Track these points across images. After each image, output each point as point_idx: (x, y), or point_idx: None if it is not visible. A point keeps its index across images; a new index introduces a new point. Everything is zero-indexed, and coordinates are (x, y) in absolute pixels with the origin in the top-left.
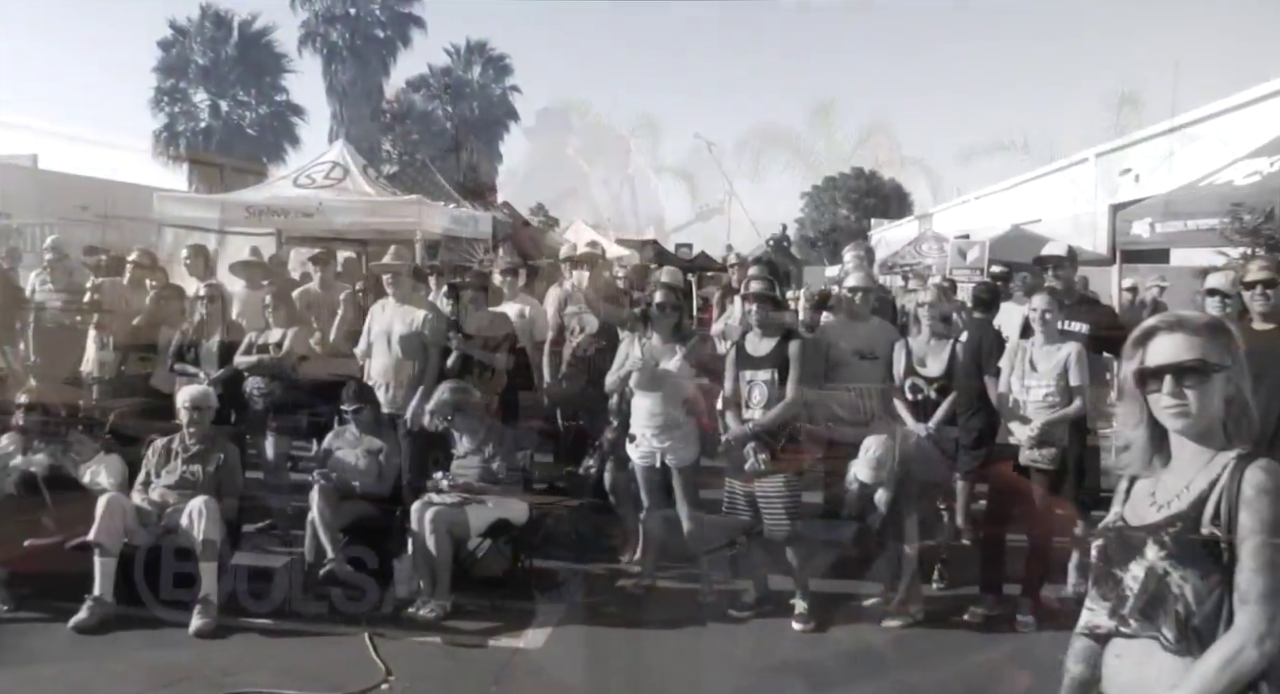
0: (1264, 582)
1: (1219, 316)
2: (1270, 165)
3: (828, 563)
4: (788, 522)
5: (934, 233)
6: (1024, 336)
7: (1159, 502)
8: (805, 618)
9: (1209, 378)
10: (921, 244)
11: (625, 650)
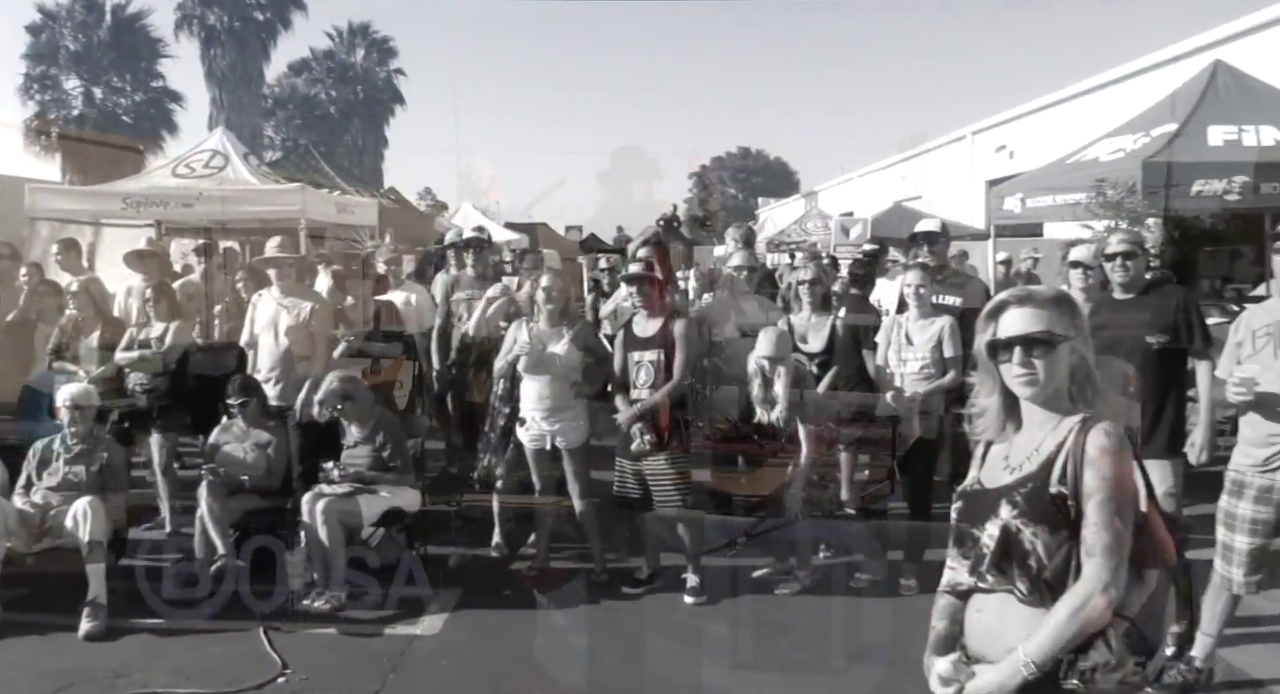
0: (1107, 536)
1: (1063, 291)
2: (1133, 142)
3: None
4: (678, 498)
5: (819, 210)
6: (900, 311)
7: (1011, 464)
8: (697, 591)
9: (1055, 348)
10: (807, 222)
11: (522, 632)
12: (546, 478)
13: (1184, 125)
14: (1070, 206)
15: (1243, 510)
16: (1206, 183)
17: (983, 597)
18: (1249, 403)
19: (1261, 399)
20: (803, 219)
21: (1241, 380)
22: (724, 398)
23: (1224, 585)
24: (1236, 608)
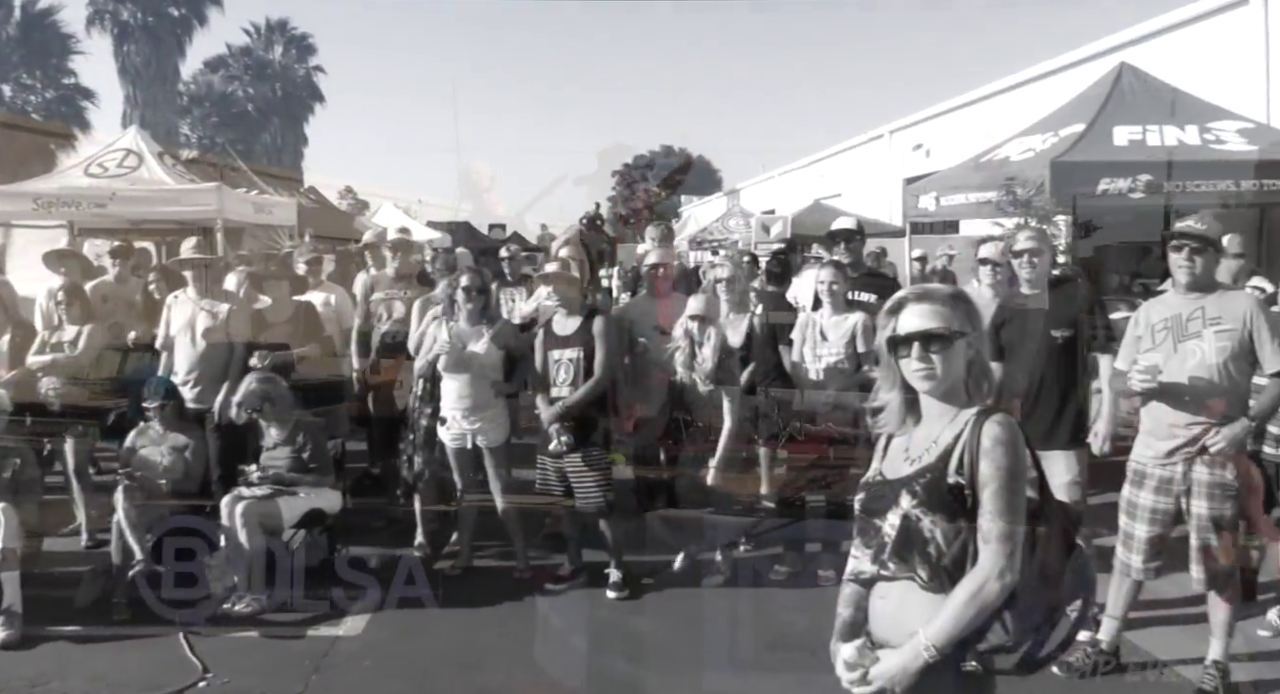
0: (1002, 523)
1: (960, 289)
2: (1043, 142)
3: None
4: (598, 496)
5: (741, 208)
6: (815, 308)
7: (911, 456)
8: (620, 586)
9: (951, 344)
10: (729, 220)
11: (445, 631)
12: (468, 477)
13: (1090, 125)
14: (982, 205)
15: (1143, 500)
16: (1112, 181)
17: (886, 584)
18: (1152, 391)
19: (1164, 388)
20: (724, 217)
21: (1146, 368)
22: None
23: (1124, 572)
24: (1140, 592)
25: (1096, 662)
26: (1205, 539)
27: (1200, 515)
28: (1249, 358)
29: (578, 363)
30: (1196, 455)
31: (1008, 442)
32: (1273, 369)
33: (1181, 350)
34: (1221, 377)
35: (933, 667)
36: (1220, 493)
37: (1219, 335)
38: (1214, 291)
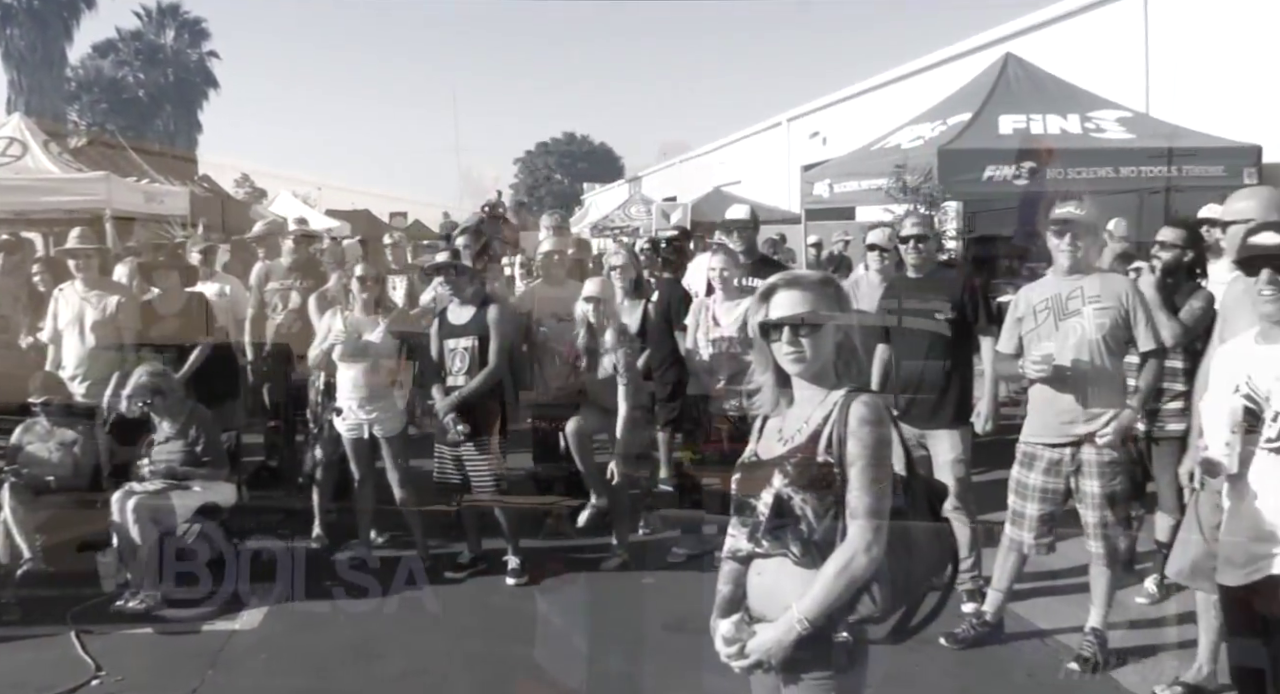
0: (868, 499)
1: (829, 275)
2: (932, 130)
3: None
4: (493, 484)
5: (642, 196)
6: (708, 294)
7: (784, 437)
8: (518, 573)
9: (819, 328)
10: (630, 207)
11: (343, 623)
12: (365, 467)
13: (977, 114)
14: (873, 191)
15: (1034, 481)
16: (997, 168)
17: (761, 561)
18: (1047, 379)
19: (1058, 374)
20: (626, 204)
21: (1041, 358)
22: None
23: (1013, 548)
24: (1025, 566)
25: (980, 633)
26: (1102, 515)
27: (1094, 493)
28: (1125, 336)
29: (473, 352)
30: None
31: (873, 421)
32: (1146, 347)
33: (1063, 328)
34: (1100, 353)
35: (806, 638)
36: (1111, 471)
37: (1098, 312)
38: (1092, 273)
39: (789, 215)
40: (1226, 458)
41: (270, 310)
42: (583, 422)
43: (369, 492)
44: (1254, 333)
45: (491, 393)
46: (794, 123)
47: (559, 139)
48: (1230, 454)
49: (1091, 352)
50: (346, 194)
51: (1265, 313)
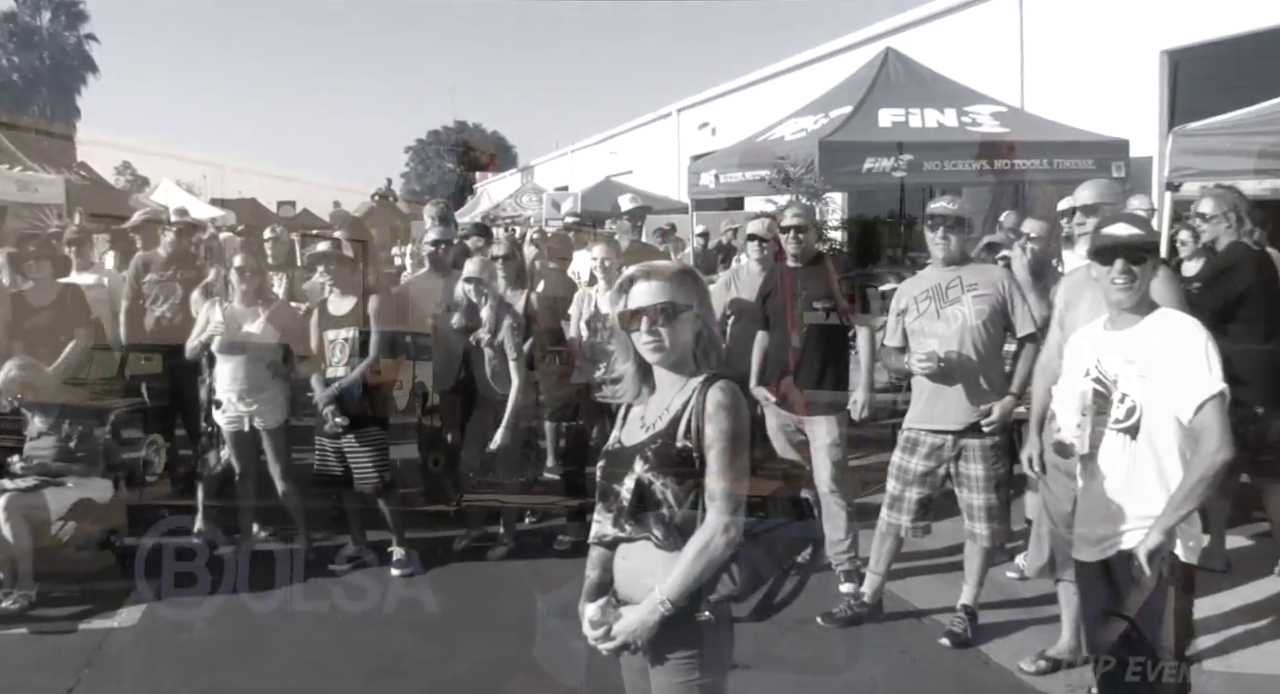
0: (725, 482)
1: (688, 265)
2: (814, 123)
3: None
4: (375, 476)
5: (534, 185)
6: (590, 284)
7: (647, 424)
8: (404, 564)
9: (677, 317)
10: (522, 196)
11: (225, 617)
12: (246, 460)
13: (858, 108)
14: (757, 182)
15: (914, 466)
16: (876, 161)
17: (626, 545)
18: (934, 375)
19: (943, 369)
20: (518, 193)
21: (926, 356)
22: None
23: (890, 531)
24: (901, 548)
25: (858, 613)
26: (986, 499)
27: (977, 477)
28: (1003, 323)
29: (353, 342)
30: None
31: (730, 406)
32: (1024, 331)
33: (944, 316)
34: (980, 340)
35: (670, 619)
36: (994, 455)
37: (976, 299)
38: (968, 263)
39: (679, 205)
40: (1078, 439)
41: (149, 303)
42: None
43: (251, 485)
44: (1104, 319)
45: (373, 385)
46: (684, 113)
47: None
48: (1081, 436)
49: (973, 338)
50: (255, 177)
51: (1115, 300)
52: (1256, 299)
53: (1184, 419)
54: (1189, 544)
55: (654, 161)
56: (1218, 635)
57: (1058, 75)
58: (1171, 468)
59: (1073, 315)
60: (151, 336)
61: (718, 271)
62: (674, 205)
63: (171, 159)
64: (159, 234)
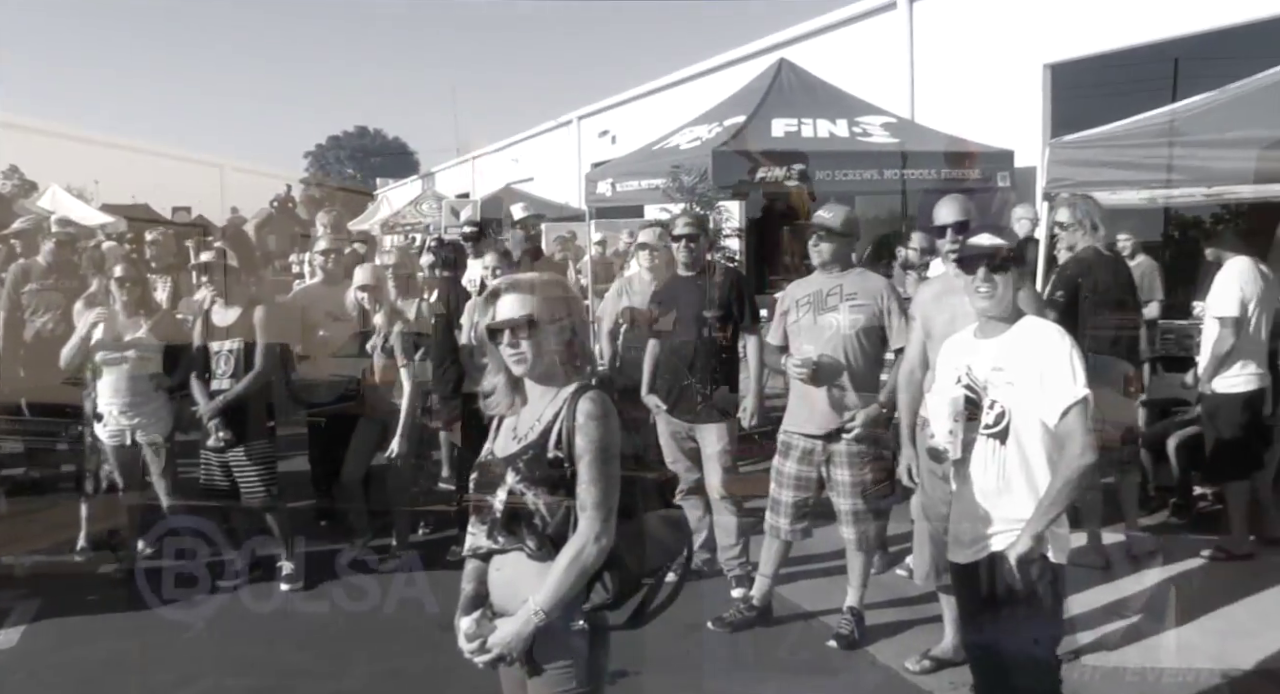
0: (596, 491)
1: (555, 276)
2: (708, 132)
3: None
4: (262, 489)
5: (434, 192)
6: (480, 293)
7: (519, 435)
8: (293, 578)
9: (540, 330)
10: (422, 203)
11: (110, 636)
12: (129, 475)
13: (751, 117)
14: (651, 191)
15: (789, 469)
16: (769, 170)
17: (500, 557)
18: (807, 380)
19: (815, 375)
20: (418, 200)
21: (801, 361)
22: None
23: (773, 534)
24: (789, 551)
25: (748, 617)
26: (853, 504)
27: (845, 482)
28: (879, 334)
29: (238, 354)
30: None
31: (599, 416)
32: (897, 344)
33: (820, 322)
34: (853, 348)
35: (544, 629)
36: (860, 461)
37: (852, 309)
38: (852, 271)
39: (580, 213)
40: (950, 445)
41: (29, 314)
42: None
43: (136, 500)
44: (974, 327)
45: (259, 396)
46: (585, 121)
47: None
48: (954, 441)
49: (844, 346)
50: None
51: (980, 308)
52: (1104, 301)
53: (1050, 424)
54: (1058, 545)
55: (555, 169)
56: (1097, 631)
57: (947, 87)
58: (1040, 471)
59: (934, 324)
60: (30, 348)
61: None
62: (574, 213)
63: (60, 157)
64: (39, 242)
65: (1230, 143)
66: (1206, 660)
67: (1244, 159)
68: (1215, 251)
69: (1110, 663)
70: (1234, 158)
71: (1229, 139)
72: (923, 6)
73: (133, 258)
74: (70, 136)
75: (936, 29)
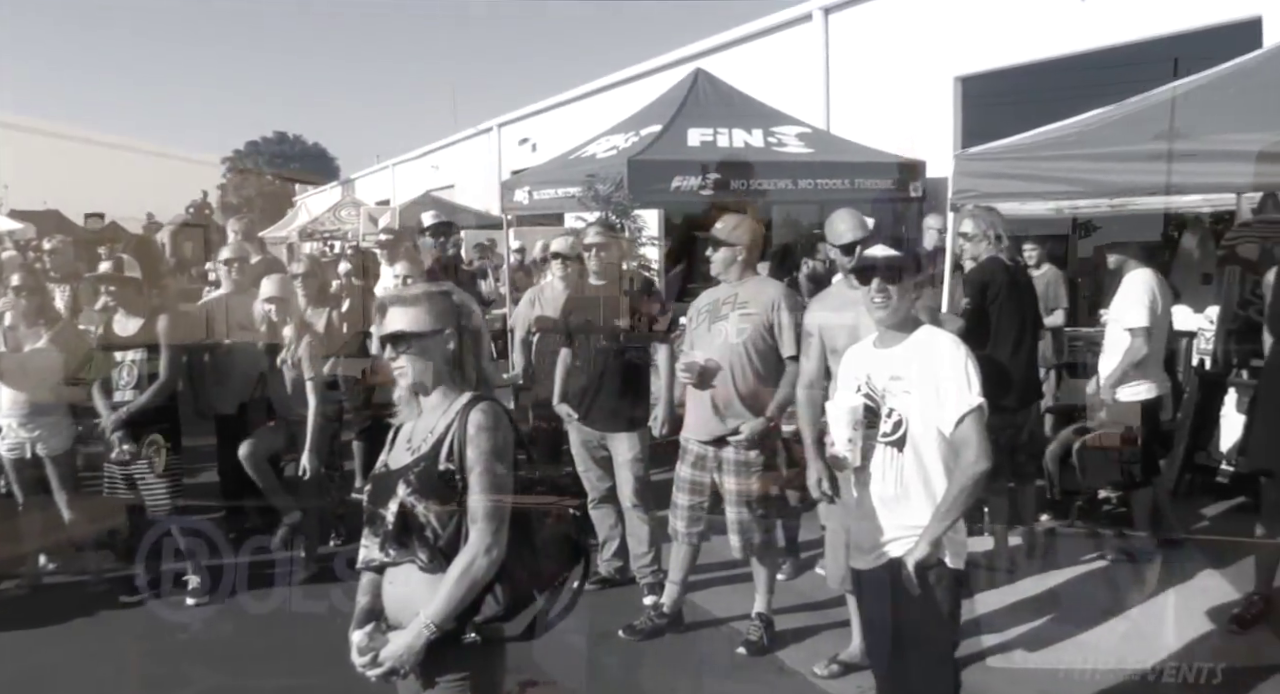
0: (487, 503)
1: (444, 287)
2: (625, 141)
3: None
4: (167, 502)
5: (353, 199)
6: None
7: (413, 446)
8: (200, 592)
9: (425, 341)
10: (341, 210)
11: (6, 656)
12: (29, 489)
13: (667, 126)
14: (568, 199)
15: (684, 473)
16: (684, 179)
17: (393, 569)
18: (692, 383)
19: (702, 375)
20: (336, 207)
21: (685, 367)
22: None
23: (676, 538)
24: (698, 557)
25: (659, 624)
26: (738, 512)
27: (730, 490)
28: (769, 342)
29: (140, 365)
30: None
31: (490, 427)
32: (789, 352)
33: (713, 331)
34: (740, 357)
35: (436, 642)
36: (746, 471)
37: (741, 318)
38: (751, 281)
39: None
40: (850, 453)
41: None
42: (256, 443)
43: (35, 515)
44: (873, 337)
45: (163, 408)
46: (505, 128)
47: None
48: (853, 449)
49: (732, 355)
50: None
51: (877, 318)
52: (1007, 310)
53: (946, 432)
54: (955, 551)
55: (475, 176)
56: (1001, 634)
57: (861, 98)
58: (937, 478)
59: (835, 336)
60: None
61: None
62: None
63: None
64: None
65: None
66: (1108, 661)
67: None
68: (1119, 259)
69: (1014, 664)
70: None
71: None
72: (838, 19)
73: (33, 267)
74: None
75: (851, 41)
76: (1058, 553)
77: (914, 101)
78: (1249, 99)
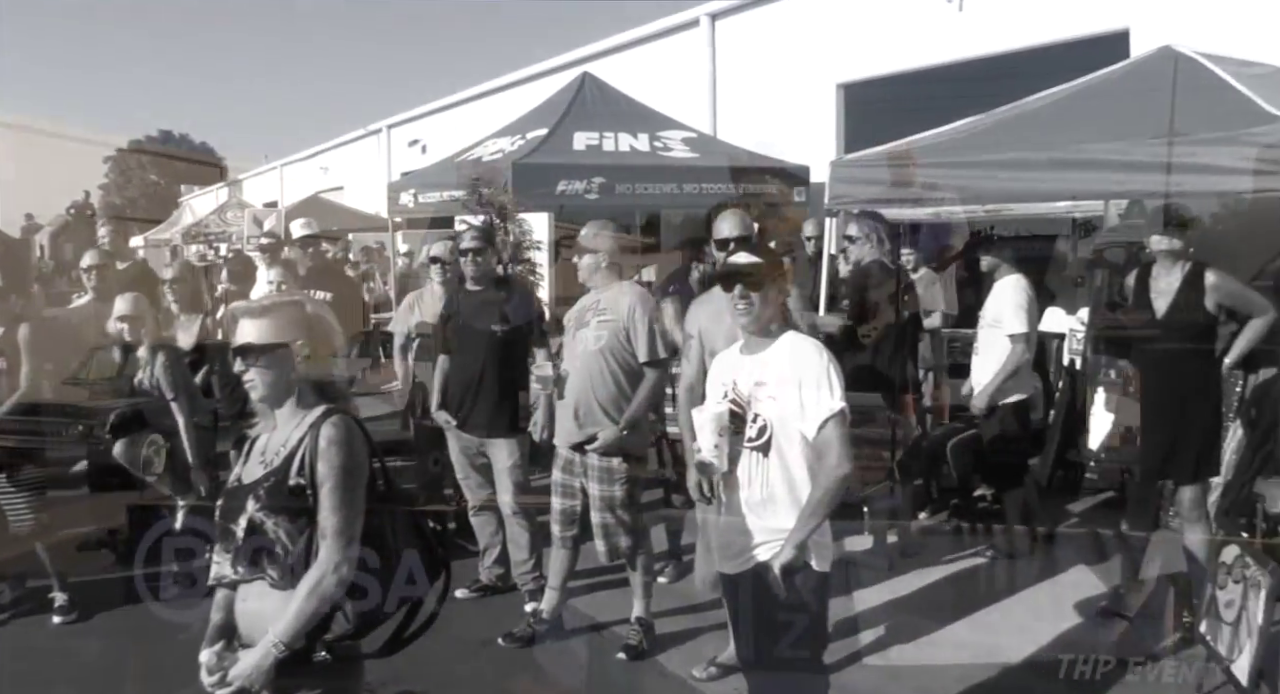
0: (337, 519)
1: (295, 297)
2: (511, 144)
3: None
4: (31, 517)
5: (240, 200)
6: None
7: (265, 460)
8: (66, 610)
9: (272, 353)
10: (227, 212)
11: None
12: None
13: (553, 130)
14: (453, 202)
15: (556, 476)
16: (569, 183)
17: (246, 586)
18: (548, 390)
19: (561, 383)
20: (222, 209)
21: (539, 378)
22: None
23: (554, 543)
24: (577, 562)
25: (539, 630)
26: (601, 517)
27: (594, 496)
28: (627, 349)
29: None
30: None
31: (341, 441)
32: (644, 358)
33: (576, 337)
34: (598, 364)
35: (288, 660)
36: (608, 477)
37: (599, 325)
38: (614, 287)
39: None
40: (716, 459)
41: None
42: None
43: None
44: (740, 343)
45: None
46: (395, 130)
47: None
48: (719, 455)
49: (590, 363)
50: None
51: (741, 324)
52: (888, 312)
53: (809, 436)
54: (821, 554)
55: (365, 178)
56: (877, 631)
57: (747, 104)
58: (801, 482)
59: (714, 340)
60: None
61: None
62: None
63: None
64: None
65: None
66: (981, 655)
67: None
68: (992, 263)
69: (891, 661)
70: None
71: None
72: (725, 25)
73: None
74: None
75: (738, 47)
76: (935, 550)
77: (799, 107)
78: (1117, 108)
